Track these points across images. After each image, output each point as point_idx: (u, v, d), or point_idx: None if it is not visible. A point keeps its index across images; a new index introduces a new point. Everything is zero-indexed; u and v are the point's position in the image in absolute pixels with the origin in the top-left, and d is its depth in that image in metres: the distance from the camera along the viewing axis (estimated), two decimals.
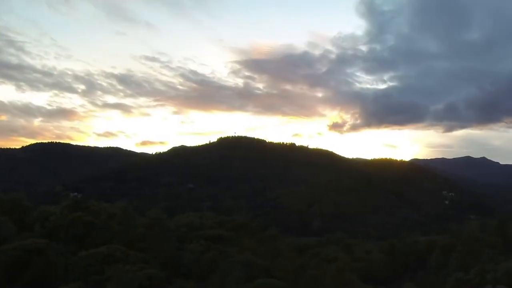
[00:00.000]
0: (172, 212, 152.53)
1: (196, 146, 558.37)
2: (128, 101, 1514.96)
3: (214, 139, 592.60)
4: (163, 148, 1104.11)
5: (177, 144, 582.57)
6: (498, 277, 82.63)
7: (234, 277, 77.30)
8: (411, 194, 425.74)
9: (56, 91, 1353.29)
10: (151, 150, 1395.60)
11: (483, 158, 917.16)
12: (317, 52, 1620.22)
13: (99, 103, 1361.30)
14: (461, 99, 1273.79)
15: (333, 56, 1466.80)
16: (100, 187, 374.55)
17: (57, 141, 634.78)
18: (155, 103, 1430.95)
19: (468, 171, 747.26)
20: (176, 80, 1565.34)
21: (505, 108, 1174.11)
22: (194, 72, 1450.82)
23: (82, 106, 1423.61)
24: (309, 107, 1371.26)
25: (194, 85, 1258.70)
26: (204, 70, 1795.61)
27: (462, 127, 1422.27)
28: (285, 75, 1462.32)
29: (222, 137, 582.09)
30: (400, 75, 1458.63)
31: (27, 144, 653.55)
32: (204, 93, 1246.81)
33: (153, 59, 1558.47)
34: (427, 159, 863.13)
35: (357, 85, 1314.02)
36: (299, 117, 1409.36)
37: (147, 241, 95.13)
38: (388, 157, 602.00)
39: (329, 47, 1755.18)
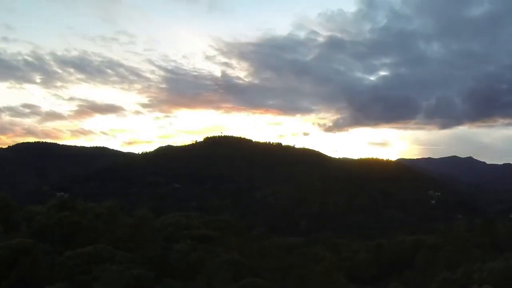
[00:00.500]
0: (159, 212, 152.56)
1: (182, 146, 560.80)
2: (93, 93, 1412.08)
3: (191, 137, 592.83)
4: (142, 148, 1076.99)
5: (152, 142, 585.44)
6: (484, 276, 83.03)
7: (221, 277, 77.31)
8: (398, 194, 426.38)
9: (12, 81, 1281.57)
10: (129, 149, 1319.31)
11: (470, 158, 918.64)
12: (302, 35, 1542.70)
13: (64, 95, 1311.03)
14: (454, 92, 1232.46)
15: (320, 39, 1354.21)
16: (87, 187, 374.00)
17: (43, 140, 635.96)
18: (124, 95, 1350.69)
19: (454, 171, 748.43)
20: (144, 67, 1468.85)
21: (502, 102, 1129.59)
22: (165, 57, 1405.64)
23: (45, 99, 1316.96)
24: (295, 101, 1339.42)
25: (166, 74, 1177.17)
26: (176, 55, 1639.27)
27: (451, 125, 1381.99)
28: (268, 61, 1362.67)
29: (208, 136, 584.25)
30: (392, 62, 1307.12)
31: (13, 143, 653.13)
32: (178, 85, 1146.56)
33: (112, 40, 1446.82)
34: (413, 159, 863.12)
35: (345, 75, 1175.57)
36: (284, 112, 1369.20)
37: (134, 241, 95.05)
38: (374, 157, 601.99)
39: (315, 27, 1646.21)
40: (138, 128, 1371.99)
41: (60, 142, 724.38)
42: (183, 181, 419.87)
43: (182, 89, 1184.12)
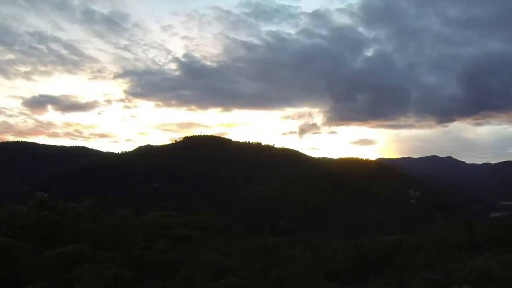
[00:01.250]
0: (139, 212, 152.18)
1: (162, 145, 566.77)
2: (35, 78, 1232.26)
3: (163, 134, 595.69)
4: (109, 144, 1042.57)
5: (119, 142, 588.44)
6: (464, 276, 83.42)
7: (200, 277, 77.36)
8: (378, 194, 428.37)
9: None
10: (98, 146, 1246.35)
11: (449, 158, 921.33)
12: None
13: (4, 83, 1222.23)
14: (448, 82, 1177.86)
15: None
16: (67, 187, 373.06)
17: (23, 140, 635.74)
18: (72, 80, 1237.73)
19: (434, 171, 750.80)
20: (87, 42, 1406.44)
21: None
22: (110, 27, 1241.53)
23: None
24: (273, 90, 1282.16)
25: (117, 51, 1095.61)
26: (124, 21, 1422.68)
27: (439, 123, 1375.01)
28: (239, 35, 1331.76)
29: (188, 135, 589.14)
30: (377, 36, 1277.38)
31: None
32: (135, 68, 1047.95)
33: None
34: (393, 158, 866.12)
35: (328, 54, 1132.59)
36: (260, 106, 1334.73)
37: (114, 241, 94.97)
38: (354, 156, 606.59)
39: None
40: (98, 123, 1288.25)
41: (41, 141, 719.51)
42: (163, 180, 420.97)
43: (140, 73, 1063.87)
